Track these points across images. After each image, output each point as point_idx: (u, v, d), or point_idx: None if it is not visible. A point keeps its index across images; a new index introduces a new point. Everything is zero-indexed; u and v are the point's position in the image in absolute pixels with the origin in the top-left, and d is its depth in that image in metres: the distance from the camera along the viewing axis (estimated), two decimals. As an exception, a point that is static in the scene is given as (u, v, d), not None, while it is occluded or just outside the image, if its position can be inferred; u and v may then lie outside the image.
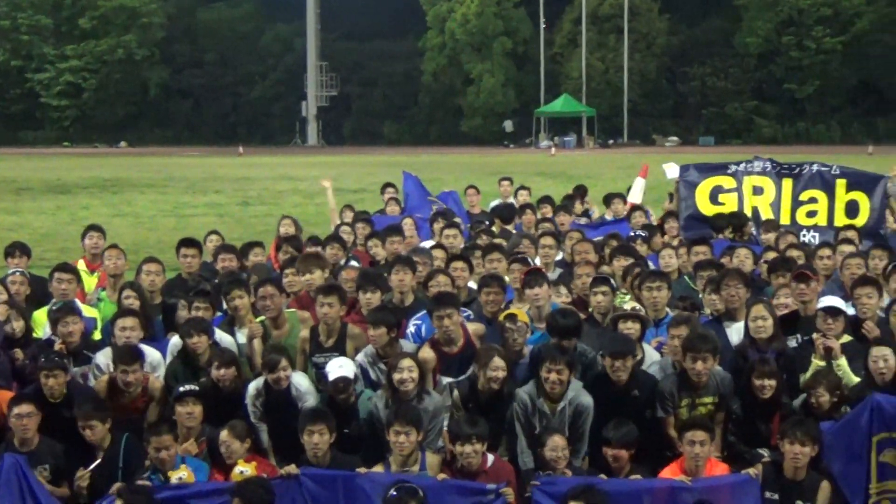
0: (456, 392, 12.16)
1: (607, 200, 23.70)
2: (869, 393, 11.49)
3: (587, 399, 11.90)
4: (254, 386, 12.33)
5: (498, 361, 11.89)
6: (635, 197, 23.53)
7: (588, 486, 10.54)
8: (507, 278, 14.99)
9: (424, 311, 13.49)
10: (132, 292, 14.49)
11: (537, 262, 16.65)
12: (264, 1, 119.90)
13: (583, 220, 22.12)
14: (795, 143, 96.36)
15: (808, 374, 12.14)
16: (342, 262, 16.89)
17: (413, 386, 11.76)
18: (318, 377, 12.74)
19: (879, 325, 13.12)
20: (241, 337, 13.55)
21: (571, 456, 11.66)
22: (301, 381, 12.34)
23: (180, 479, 11.08)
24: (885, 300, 13.79)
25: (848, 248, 16.50)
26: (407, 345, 12.87)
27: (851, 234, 18.04)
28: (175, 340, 13.22)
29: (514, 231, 20.46)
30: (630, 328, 12.77)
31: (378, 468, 11.20)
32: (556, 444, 11.35)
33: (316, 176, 57.18)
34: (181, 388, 11.94)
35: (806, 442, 10.94)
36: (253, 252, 17.63)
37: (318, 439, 11.21)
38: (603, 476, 11.20)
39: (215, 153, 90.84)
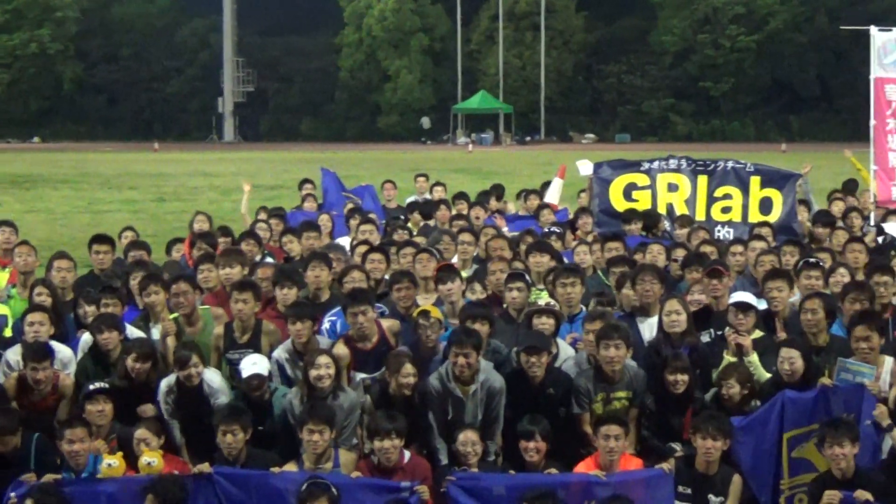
0: (368, 397, 12.16)
1: (523, 196, 23.76)
2: (780, 389, 11.63)
3: (499, 380, 12.00)
4: (165, 383, 12.25)
5: (408, 368, 11.91)
6: (552, 197, 23.62)
7: (545, 493, 10.58)
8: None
9: (339, 308, 13.47)
10: (44, 289, 14.32)
11: (455, 258, 16.69)
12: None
13: (500, 220, 22.11)
14: (710, 140, 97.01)
15: (720, 369, 12.27)
16: (257, 258, 16.87)
17: (329, 382, 11.76)
18: (233, 374, 12.70)
19: (790, 318, 13.29)
20: (156, 333, 13.43)
21: (487, 438, 11.80)
22: (213, 378, 12.28)
23: (110, 465, 10.99)
24: (797, 294, 13.95)
25: (760, 245, 16.66)
26: (322, 340, 12.85)
27: (765, 230, 18.22)
28: (86, 337, 13.09)
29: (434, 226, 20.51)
30: (545, 324, 12.82)
31: (291, 466, 11.18)
32: (468, 439, 11.42)
33: (232, 172, 57.15)
34: (91, 386, 11.84)
35: (717, 436, 11.06)
36: (175, 248, 17.66)
37: (231, 439, 11.19)
38: (512, 472, 11.28)
39: (130, 149, 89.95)
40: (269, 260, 17.09)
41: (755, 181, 20.19)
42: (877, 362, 11.80)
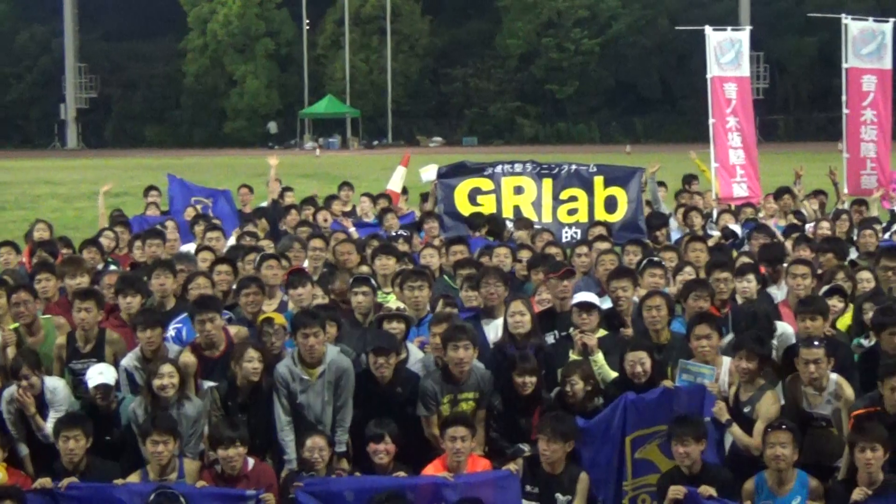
0: (215, 393, 12.07)
1: (369, 200, 23.76)
2: (625, 389, 11.78)
3: (346, 361, 12.07)
4: (8, 392, 12.03)
5: (252, 353, 11.92)
6: (395, 185, 23.71)
7: (394, 495, 10.59)
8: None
9: (185, 315, 13.33)
10: None
11: (305, 264, 16.64)
12: (18, 0, 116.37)
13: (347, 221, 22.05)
14: (557, 142, 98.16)
15: (564, 366, 12.38)
16: (100, 266, 16.64)
17: (174, 392, 11.66)
18: (76, 384, 12.51)
19: (633, 316, 13.49)
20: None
21: (338, 426, 11.85)
22: (56, 387, 12.08)
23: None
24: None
25: (603, 245, 16.88)
26: (171, 348, 12.73)
27: (601, 229, 18.49)
28: (-80, 351, 12.81)
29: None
30: (395, 328, 12.85)
31: (134, 477, 11.05)
32: (315, 444, 11.37)
33: (76, 180, 56.22)
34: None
35: (558, 439, 11.16)
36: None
37: (73, 445, 11.07)
38: (358, 474, 11.28)
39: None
40: (113, 268, 16.86)
41: (598, 181, 20.48)
42: (716, 362, 12.03)
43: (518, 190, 20.62)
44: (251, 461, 11.26)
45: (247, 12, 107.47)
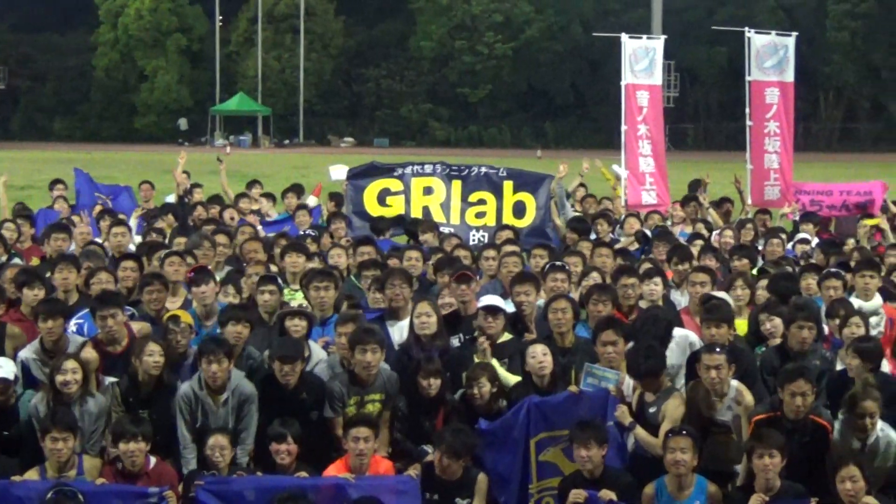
0: (116, 389, 11.96)
1: (280, 197, 23.71)
2: (528, 394, 11.85)
3: (250, 387, 11.94)
4: None
5: (152, 346, 11.84)
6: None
7: (295, 495, 10.55)
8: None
9: (87, 310, 13.20)
10: None
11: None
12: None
13: (254, 220, 21.95)
14: (468, 146, 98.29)
15: (469, 368, 12.41)
16: (2, 258, 16.44)
17: (77, 388, 11.52)
18: (-26, 379, 12.33)
19: (537, 320, 13.53)
20: None
21: (238, 447, 11.69)
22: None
23: None
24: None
25: (511, 249, 16.90)
26: (74, 340, 12.59)
27: (508, 233, 18.54)
28: None
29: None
30: (297, 325, 12.80)
31: (32, 474, 10.90)
32: (217, 443, 11.33)
33: (-20, 172, 55.30)
34: None
35: (452, 457, 11.17)
36: None
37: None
38: (259, 473, 11.23)
39: None
40: (16, 260, 16.65)
41: (508, 186, 20.58)
42: (622, 367, 12.10)
43: (427, 191, 20.65)
44: (153, 459, 11.18)
45: (159, 7, 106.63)
